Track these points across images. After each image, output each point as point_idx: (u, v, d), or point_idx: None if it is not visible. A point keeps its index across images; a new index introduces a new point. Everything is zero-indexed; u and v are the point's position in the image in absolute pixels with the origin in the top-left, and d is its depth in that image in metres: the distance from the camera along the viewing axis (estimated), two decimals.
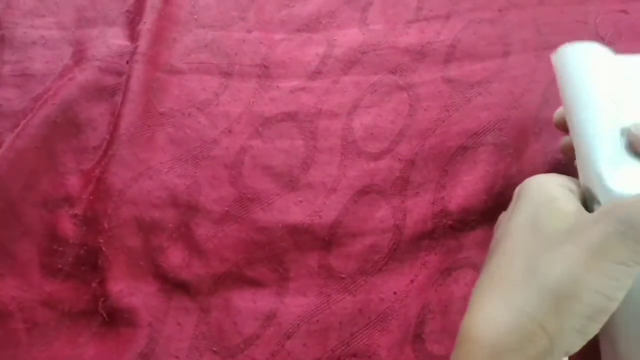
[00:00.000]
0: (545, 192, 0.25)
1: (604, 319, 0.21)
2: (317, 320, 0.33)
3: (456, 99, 0.38)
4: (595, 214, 0.23)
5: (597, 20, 0.40)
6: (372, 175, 0.36)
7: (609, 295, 0.21)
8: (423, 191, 0.35)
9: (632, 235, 0.21)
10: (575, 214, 0.23)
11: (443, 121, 0.37)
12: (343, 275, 0.34)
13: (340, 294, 0.33)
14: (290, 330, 0.33)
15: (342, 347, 0.32)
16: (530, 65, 0.39)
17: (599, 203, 0.25)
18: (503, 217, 0.28)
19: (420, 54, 0.39)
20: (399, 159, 0.36)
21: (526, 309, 0.22)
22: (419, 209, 0.35)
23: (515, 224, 0.25)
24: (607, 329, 0.23)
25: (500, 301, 0.22)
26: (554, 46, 0.40)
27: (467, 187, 0.35)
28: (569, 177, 0.27)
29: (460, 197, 0.34)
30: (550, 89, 0.38)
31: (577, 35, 0.40)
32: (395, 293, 0.33)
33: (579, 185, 0.26)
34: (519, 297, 0.22)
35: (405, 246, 0.34)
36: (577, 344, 0.21)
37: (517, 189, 0.27)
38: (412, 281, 0.33)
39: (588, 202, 0.26)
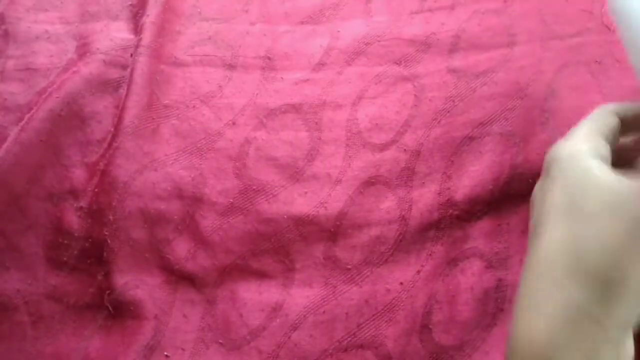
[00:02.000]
0: (577, 164, 0.23)
1: None
2: (324, 312, 0.33)
3: (461, 89, 0.37)
4: (635, 182, 0.21)
5: (602, 9, 0.40)
6: (377, 166, 0.36)
7: None
8: (429, 182, 0.35)
9: None
10: (612, 185, 0.22)
11: (448, 111, 0.37)
12: (349, 266, 0.34)
13: (347, 285, 0.33)
14: (296, 322, 0.33)
15: (349, 338, 0.32)
16: (535, 55, 0.38)
17: None
18: (538, 189, 0.26)
19: (424, 45, 0.39)
20: (405, 149, 0.36)
21: (573, 301, 0.21)
22: (425, 199, 0.34)
23: (550, 206, 0.23)
24: None
25: (547, 298, 0.22)
26: (559, 36, 0.40)
27: (473, 177, 0.34)
28: (595, 136, 0.25)
29: (467, 187, 0.34)
30: (557, 79, 0.37)
31: (583, 25, 0.40)
32: (401, 283, 0.33)
33: (607, 143, 0.25)
34: (565, 290, 0.21)
35: (412, 237, 0.34)
36: (636, 325, 0.21)
37: (547, 157, 0.26)
38: (418, 272, 0.33)
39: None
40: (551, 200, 0.24)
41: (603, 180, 0.22)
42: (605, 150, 0.25)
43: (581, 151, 0.24)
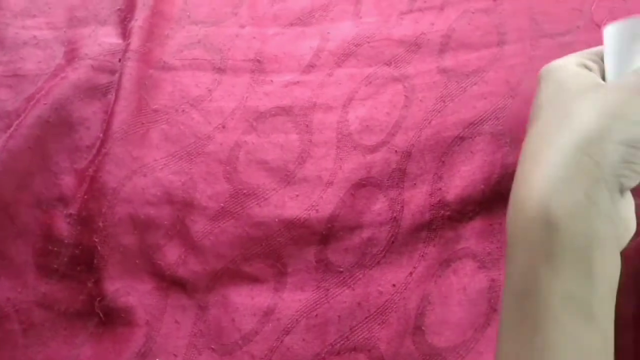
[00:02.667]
0: (567, 68, 0.25)
1: None
2: (316, 315, 0.32)
3: (452, 89, 0.37)
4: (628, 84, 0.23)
5: (592, 8, 0.40)
6: (368, 168, 0.36)
7: None
8: (420, 183, 0.35)
9: None
10: (595, 81, 0.24)
11: (439, 112, 0.36)
12: (341, 269, 0.33)
13: (339, 288, 0.33)
14: (289, 326, 0.32)
15: (342, 341, 0.32)
16: (526, 54, 0.38)
17: None
18: (534, 102, 0.28)
19: (414, 45, 0.39)
20: (395, 150, 0.36)
21: (571, 143, 0.22)
22: (416, 200, 0.34)
23: (541, 98, 0.26)
24: None
25: (544, 149, 0.23)
26: (549, 35, 0.40)
27: (464, 177, 0.34)
28: (585, 54, 0.27)
29: (458, 187, 0.34)
30: None
31: (573, 23, 0.39)
32: (394, 285, 0.33)
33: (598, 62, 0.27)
34: (561, 139, 0.22)
35: (404, 238, 0.34)
36: (629, 176, 0.22)
37: (540, 74, 0.27)
38: (410, 273, 0.33)
39: None
40: (541, 95, 0.26)
41: (586, 79, 0.24)
42: (594, 64, 0.26)
43: (570, 62, 0.26)
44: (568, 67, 0.26)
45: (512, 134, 0.36)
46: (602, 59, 0.27)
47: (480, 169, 0.34)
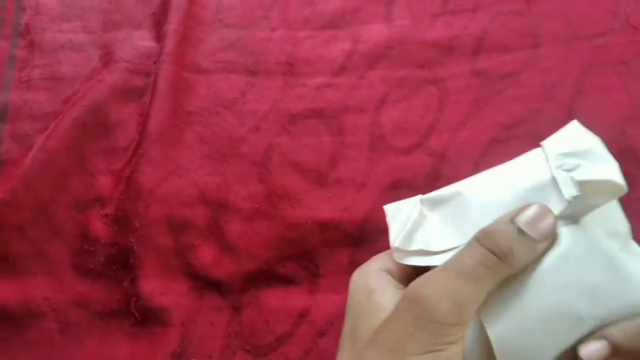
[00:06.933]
0: (361, 288, 0.25)
1: None
2: None
3: (486, 91, 0.37)
4: (400, 303, 0.22)
5: (627, 9, 0.39)
6: (402, 170, 0.35)
7: None
8: None
9: (427, 319, 0.21)
10: (388, 308, 0.23)
11: (474, 114, 0.36)
12: None
13: None
14: (323, 328, 0.32)
15: None
16: (561, 56, 0.38)
17: None
18: None
19: (448, 48, 0.38)
20: (429, 153, 0.36)
21: None
22: None
23: (342, 336, 0.25)
24: None
25: None
26: (584, 37, 0.39)
27: None
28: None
29: None
30: (583, 80, 0.37)
31: (608, 25, 0.39)
32: None
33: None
34: None
35: None
36: None
37: (351, 279, 0.26)
38: None
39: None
40: (344, 328, 0.25)
41: (381, 301, 0.23)
42: (393, 264, 0.25)
43: (368, 270, 0.25)
44: (366, 283, 0.25)
45: (548, 136, 0.35)
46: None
47: None
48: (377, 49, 0.39)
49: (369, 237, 0.34)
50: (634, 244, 0.24)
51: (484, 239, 0.22)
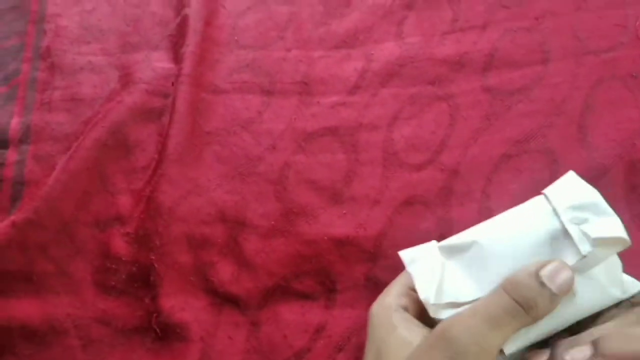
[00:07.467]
0: (384, 322, 0.26)
1: None
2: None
3: (496, 107, 0.38)
4: (427, 339, 0.24)
5: (637, 23, 0.40)
6: (415, 186, 0.36)
7: None
8: (468, 201, 0.35)
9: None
10: (412, 342, 0.24)
11: (485, 130, 0.37)
12: None
13: None
14: (341, 343, 0.33)
15: None
16: (570, 71, 0.38)
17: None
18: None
19: (458, 64, 0.39)
20: (442, 169, 0.36)
21: None
22: (465, 219, 0.35)
23: (368, 347, 0.27)
24: None
25: None
26: (593, 52, 0.40)
27: (512, 195, 0.34)
28: (405, 289, 0.28)
29: (507, 205, 0.34)
30: (592, 94, 0.37)
31: (617, 39, 0.39)
32: None
33: (413, 290, 0.27)
34: None
35: None
36: None
37: (370, 313, 0.28)
38: None
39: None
40: (366, 353, 0.27)
41: (406, 336, 0.25)
42: (410, 300, 0.27)
43: (388, 308, 0.27)
44: (387, 319, 0.26)
45: (559, 151, 0.36)
46: (413, 289, 0.27)
47: (528, 187, 0.34)
48: (389, 66, 0.40)
49: (385, 253, 0.35)
50: (626, 280, 0.26)
51: (511, 290, 0.24)
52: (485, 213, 0.35)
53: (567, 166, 0.35)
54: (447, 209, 0.35)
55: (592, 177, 0.35)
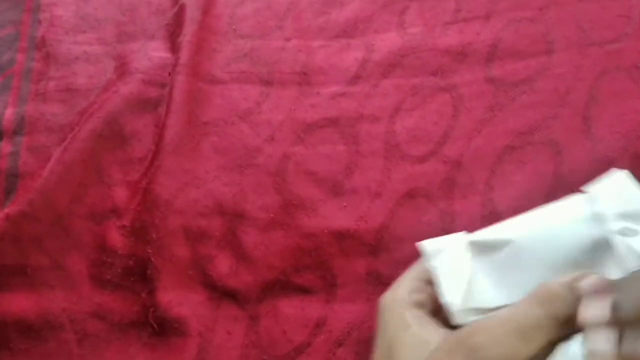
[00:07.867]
0: (397, 318, 0.25)
1: None
2: (368, 327, 0.32)
3: (500, 98, 0.37)
4: (448, 343, 0.23)
5: None
6: (417, 179, 0.35)
7: None
8: (471, 193, 0.35)
9: None
10: (429, 341, 0.23)
11: (488, 121, 0.36)
12: (392, 282, 0.33)
13: None
14: (341, 338, 0.32)
15: None
16: (574, 62, 0.38)
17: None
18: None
19: (461, 55, 0.39)
20: (444, 161, 0.36)
21: None
22: (467, 211, 0.34)
23: (376, 354, 0.26)
24: None
25: None
26: (597, 43, 0.39)
27: (516, 187, 0.34)
28: (418, 283, 0.27)
29: (510, 198, 0.34)
30: (597, 85, 0.37)
31: (621, 30, 0.39)
32: None
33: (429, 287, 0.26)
34: None
35: None
36: None
37: (381, 306, 0.27)
38: None
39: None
40: (376, 348, 0.26)
41: (420, 335, 0.24)
42: (425, 296, 0.26)
43: (401, 304, 0.26)
44: (400, 315, 0.25)
45: (563, 143, 0.35)
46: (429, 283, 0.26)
47: (532, 179, 0.34)
48: (391, 57, 0.39)
49: (386, 246, 0.34)
50: None
51: (546, 303, 0.22)
52: (489, 205, 0.34)
53: (573, 158, 0.35)
54: (449, 201, 0.35)
55: (597, 170, 0.34)
